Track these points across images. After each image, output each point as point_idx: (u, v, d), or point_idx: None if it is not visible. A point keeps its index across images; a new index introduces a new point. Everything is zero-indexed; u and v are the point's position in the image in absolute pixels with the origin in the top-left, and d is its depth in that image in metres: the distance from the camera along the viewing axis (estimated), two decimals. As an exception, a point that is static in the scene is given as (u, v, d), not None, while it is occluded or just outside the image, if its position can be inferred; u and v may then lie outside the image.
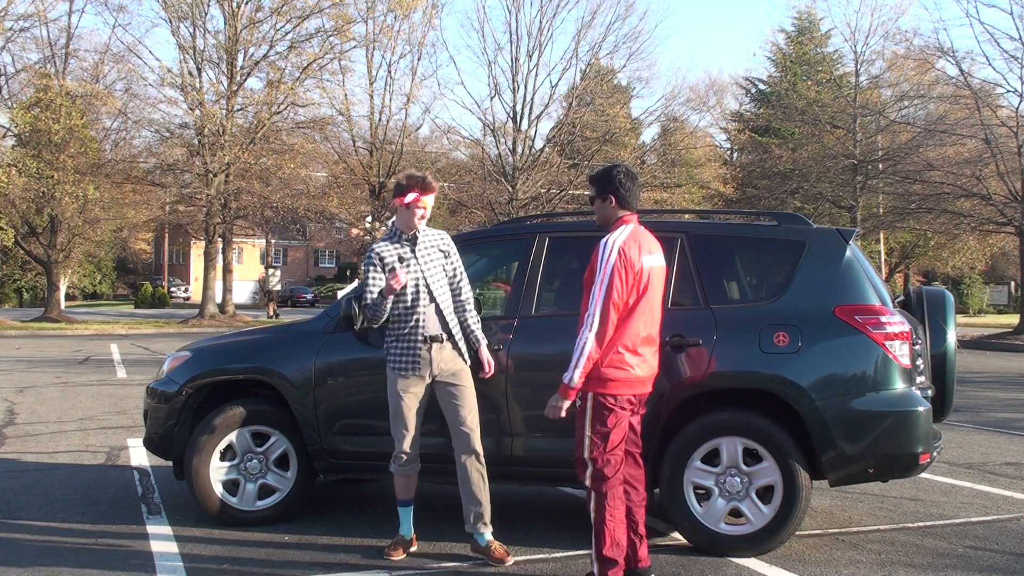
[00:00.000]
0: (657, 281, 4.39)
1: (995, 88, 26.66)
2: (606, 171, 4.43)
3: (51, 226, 31.10)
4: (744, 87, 46.66)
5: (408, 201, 4.86)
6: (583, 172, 33.94)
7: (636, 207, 4.43)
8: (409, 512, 5.00)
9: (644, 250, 4.30)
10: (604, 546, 4.21)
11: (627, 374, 4.25)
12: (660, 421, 4.97)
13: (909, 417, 4.85)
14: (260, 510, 5.48)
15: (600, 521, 4.22)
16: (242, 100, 31.66)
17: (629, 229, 4.32)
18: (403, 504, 5.01)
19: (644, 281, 4.26)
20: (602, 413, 4.24)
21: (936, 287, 6.00)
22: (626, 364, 4.24)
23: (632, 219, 4.38)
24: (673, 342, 4.97)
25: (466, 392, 4.89)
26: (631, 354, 4.25)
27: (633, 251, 4.23)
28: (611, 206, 4.37)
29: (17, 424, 9.34)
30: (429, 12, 34.75)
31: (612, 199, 4.36)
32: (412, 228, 4.94)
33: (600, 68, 35.11)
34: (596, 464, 4.24)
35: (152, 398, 5.81)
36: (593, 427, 4.25)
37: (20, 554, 4.89)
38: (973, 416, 10.54)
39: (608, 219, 4.40)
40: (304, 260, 70.03)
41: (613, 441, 4.25)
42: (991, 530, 5.55)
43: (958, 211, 27.15)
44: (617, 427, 4.26)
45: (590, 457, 4.26)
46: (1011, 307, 48.09)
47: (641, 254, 4.26)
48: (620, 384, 4.24)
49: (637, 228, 4.38)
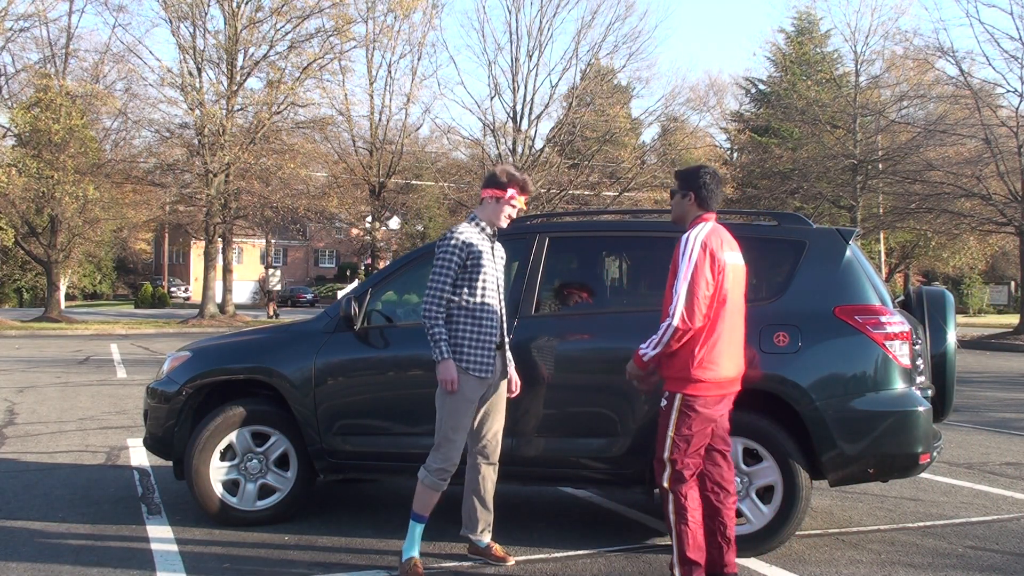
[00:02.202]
0: (737, 279, 4.35)
1: (995, 88, 26.66)
2: (694, 169, 4.46)
3: (51, 226, 31.09)
4: (744, 87, 46.66)
5: (507, 196, 4.71)
6: (583, 172, 33.97)
7: (715, 209, 4.39)
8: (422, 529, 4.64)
9: (726, 246, 4.29)
10: (687, 548, 4.17)
11: (715, 374, 4.21)
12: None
13: (909, 417, 4.85)
14: (260, 510, 5.48)
15: (681, 523, 4.19)
16: (242, 100, 31.65)
17: (709, 226, 4.30)
18: (422, 520, 4.62)
19: (723, 277, 4.22)
20: (688, 416, 4.20)
21: (936, 287, 6.00)
22: (713, 364, 4.20)
23: (711, 218, 4.37)
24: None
25: (503, 403, 4.82)
26: (717, 354, 4.21)
27: (715, 244, 4.22)
28: (689, 203, 4.38)
29: (17, 424, 9.34)
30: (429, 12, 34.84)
31: (692, 196, 4.37)
32: (497, 224, 4.77)
33: (600, 68, 35.11)
34: (676, 466, 4.21)
35: (152, 398, 5.82)
36: (678, 429, 4.20)
37: (20, 554, 4.89)
38: (973, 416, 10.54)
39: (684, 216, 4.40)
40: (304, 260, 70.04)
41: (695, 445, 4.23)
42: (991, 530, 5.56)
43: (958, 211, 27.14)
44: (701, 432, 4.23)
45: (670, 459, 4.22)
46: (1011, 307, 48.08)
47: (723, 249, 4.24)
48: (709, 385, 4.21)
49: (717, 226, 4.36)
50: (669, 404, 4.24)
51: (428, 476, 4.62)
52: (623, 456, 5.05)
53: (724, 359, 4.24)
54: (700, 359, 4.18)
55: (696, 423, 4.21)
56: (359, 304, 5.38)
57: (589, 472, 5.18)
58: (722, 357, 4.23)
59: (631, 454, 5.02)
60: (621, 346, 5.16)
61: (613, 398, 5.09)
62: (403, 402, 5.38)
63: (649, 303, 5.46)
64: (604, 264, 6.03)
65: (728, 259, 4.26)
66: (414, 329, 5.59)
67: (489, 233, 4.77)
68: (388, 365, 5.53)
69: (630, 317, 5.35)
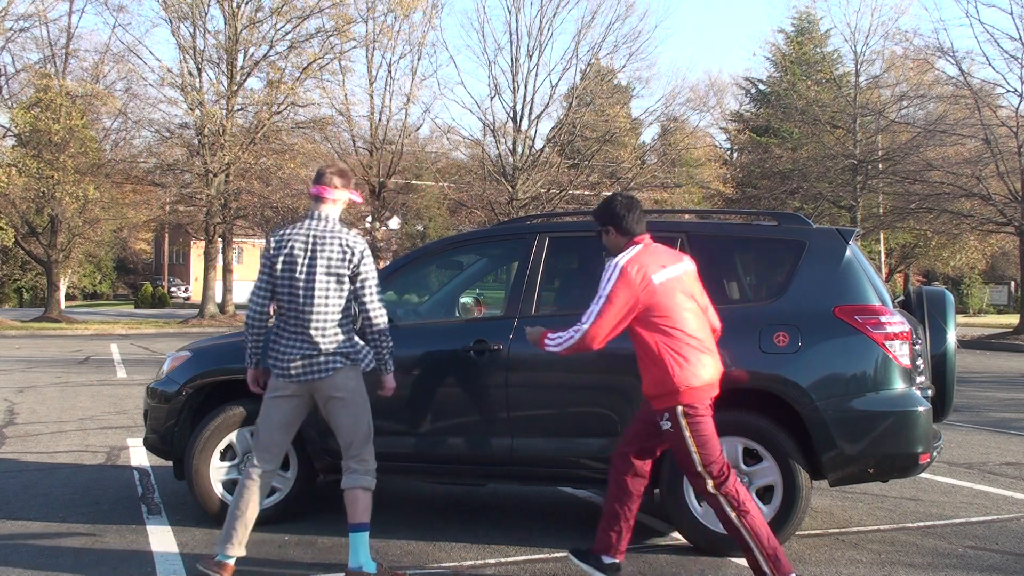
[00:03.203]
0: (684, 287, 4.33)
1: (995, 88, 26.64)
2: (604, 203, 4.51)
3: (51, 226, 31.09)
4: (744, 87, 46.64)
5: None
6: (583, 172, 33.97)
7: (639, 231, 4.39)
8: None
9: (655, 266, 4.27)
10: (762, 542, 4.16)
11: (700, 380, 4.21)
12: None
13: (909, 417, 4.85)
14: (260, 510, 5.46)
15: (743, 518, 4.18)
16: (242, 100, 31.64)
17: (636, 249, 4.32)
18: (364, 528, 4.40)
19: (660, 294, 4.21)
20: (696, 424, 4.21)
21: (936, 287, 6.01)
22: (694, 373, 4.19)
23: (641, 240, 4.37)
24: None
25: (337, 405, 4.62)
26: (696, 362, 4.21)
27: (644, 266, 4.23)
28: (613, 236, 4.42)
29: (17, 424, 9.34)
30: (429, 12, 34.77)
31: (612, 229, 4.42)
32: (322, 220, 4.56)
33: (600, 68, 35.09)
34: (713, 472, 4.21)
35: (152, 398, 5.81)
36: (695, 440, 4.21)
37: (20, 554, 4.89)
38: (973, 416, 10.54)
39: (615, 247, 4.43)
40: (304, 260, 69.91)
41: (714, 444, 4.24)
42: (991, 530, 5.56)
43: (958, 211, 27.13)
44: (711, 432, 4.24)
45: (705, 469, 4.22)
46: (1011, 307, 48.06)
47: (650, 272, 4.23)
48: (698, 392, 4.21)
49: (647, 248, 4.35)
50: (674, 423, 4.22)
51: (368, 478, 4.49)
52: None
53: (701, 365, 4.22)
54: (681, 367, 4.18)
55: (704, 427, 4.21)
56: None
57: (589, 472, 5.18)
58: (699, 365, 4.22)
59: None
60: (621, 346, 5.16)
61: (613, 398, 5.09)
62: (403, 402, 5.37)
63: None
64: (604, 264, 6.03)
65: (665, 275, 4.26)
66: (414, 329, 5.59)
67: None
68: (388, 365, 5.52)
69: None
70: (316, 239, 4.44)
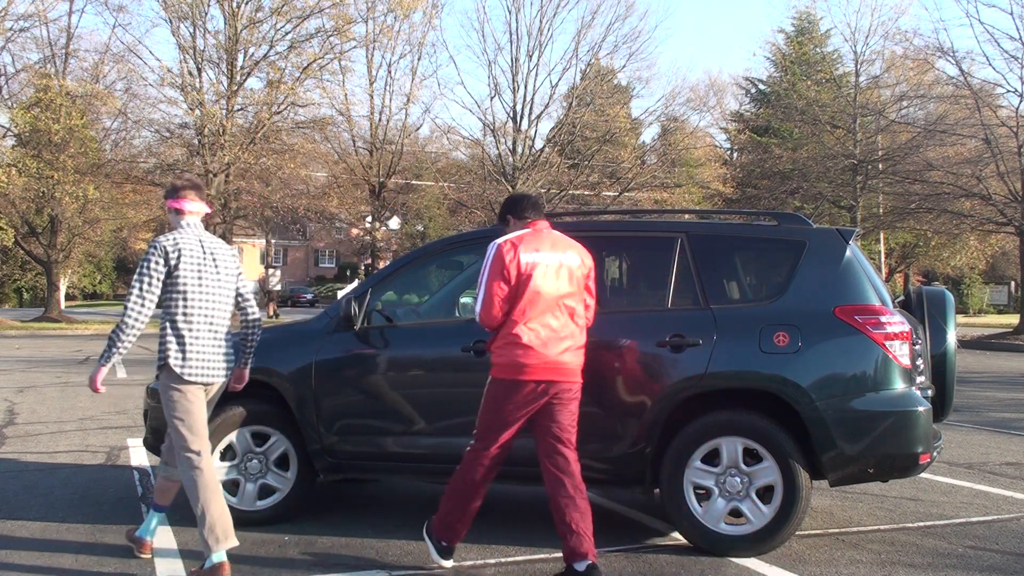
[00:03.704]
0: (552, 275, 4.53)
1: (995, 88, 26.64)
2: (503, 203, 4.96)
3: (51, 226, 31.07)
4: (744, 87, 46.67)
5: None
6: (583, 172, 33.97)
7: (532, 217, 4.71)
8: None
9: (529, 247, 4.54)
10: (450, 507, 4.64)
11: (521, 362, 4.46)
12: (660, 421, 4.98)
13: (909, 417, 4.85)
14: (260, 510, 5.48)
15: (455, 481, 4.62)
16: (242, 100, 31.61)
17: (519, 232, 4.65)
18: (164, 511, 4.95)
19: (526, 273, 4.48)
20: (495, 398, 4.55)
21: (936, 287, 6.01)
22: (516, 353, 4.47)
23: (534, 225, 4.69)
24: (673, 342, 4.98)
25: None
26: (523, 343, 4.46)
27: (506, 247, 4.53)
28: (512, 224, 4.76)
29: (17, 424, 9.34)
30: (429, 12, 34.83)
31: (510, 219, 4.79)
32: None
33: (600, 68, 35.10)
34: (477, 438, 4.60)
35: (152, 398, 5.81)
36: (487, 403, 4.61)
37: (20, 554, 4.89)
38: (973, 416, 10.54)
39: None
40: (304, 260, 70.03)
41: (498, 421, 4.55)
42: (991, 530, 5.56)
43: (958, 211, 27.13)
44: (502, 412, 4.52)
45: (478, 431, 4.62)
46: (1011, 307, 48.09)
47: (520, 251, 4.51)
48: (511, 369, 4.48)
49: (534, 232, 4.64)
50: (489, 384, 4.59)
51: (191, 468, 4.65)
52: (623, 456, 5.05)
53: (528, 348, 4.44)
54: (508, 345, 4.48)
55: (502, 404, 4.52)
56: (359, 304, 5.38)
57: (589, 472, 5.16)
58: (526, 347, 4.44)
59: (631, 454, 5.02)
60: (621, 346, 5.17)
61: (613, 398, 5.09)
62: (403, 402, 5.38)
63: (649, 303, 5.48)
64: (604, 264, 6.03)
65: (540, 259, 4.52)
66: (414, 329, 5.59)
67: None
68: (388, 365, 5.53)
69: (630, 317, 5.35)
70: (206, 244, 4.69)
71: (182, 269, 4.54)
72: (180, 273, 4.54)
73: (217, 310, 4.66)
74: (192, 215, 4.73)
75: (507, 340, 4.49)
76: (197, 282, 4.59)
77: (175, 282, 4.55)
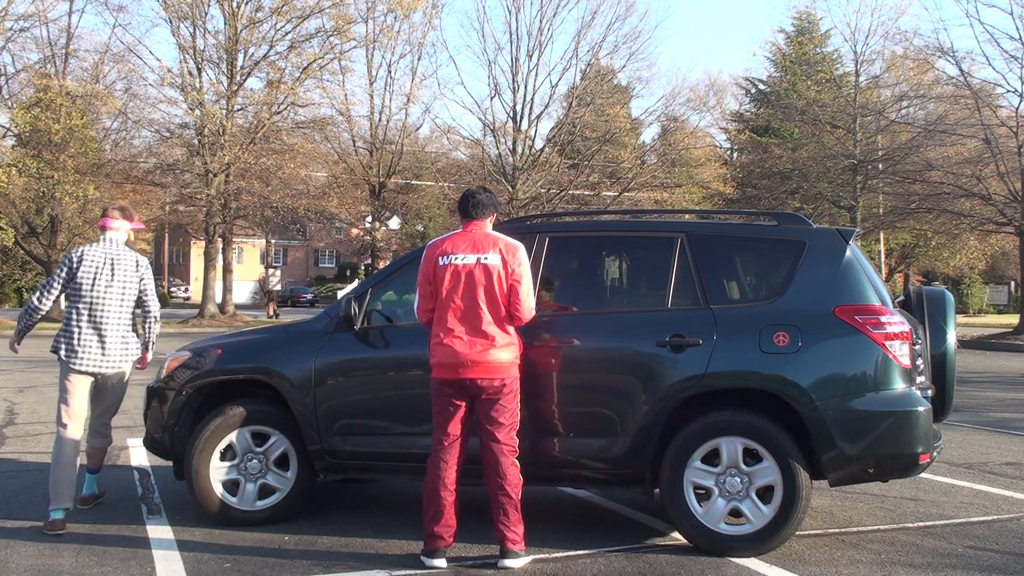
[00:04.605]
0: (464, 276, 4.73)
1: (995, 88, 26.60)
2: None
3: (51, 226, 31.08)
4: (744, 87, 46.63)
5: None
6: (583, 172, 33.96)
7: (472, 216, 4.92)
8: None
9: (447, 250, 4.80)
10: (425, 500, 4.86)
11: (439, 360, 4.74)
12: (660, 421, 4.98)
13: (909, 417, 4.85)
14: (260, 510, 5.48)
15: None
16: (242, 100, 31.63)
17: (449, 234, 4.92)
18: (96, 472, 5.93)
19: (440, 275, 4.75)
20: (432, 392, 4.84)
21: (936, 287, 6.01)
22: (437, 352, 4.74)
23: (470, 225, 4.91)
24: (673, 342, 4.98)
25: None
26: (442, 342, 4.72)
27: (431, 250, 4.85)
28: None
29: (17, 424, 9.34)
30: (429, 12, 34.86)
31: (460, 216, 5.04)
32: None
33: (600, 68, 35.10)
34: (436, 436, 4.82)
35: (152, 398, 5.82)
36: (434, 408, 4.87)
37: (20, 554, 4.89)
38: (973, 416, 10.54)
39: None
40: (304, 260, 70.02)
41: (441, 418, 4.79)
42: (991, 530, 5.56)
43: (958, 211, 27.11)
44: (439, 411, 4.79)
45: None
46: (1011, 307, 48.06)
47: (437, 253, 4.80)
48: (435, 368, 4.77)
49: (464, 232, 4.88)
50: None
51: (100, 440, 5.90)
52: (623, 456, 5.05)
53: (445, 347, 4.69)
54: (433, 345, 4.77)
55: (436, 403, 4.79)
56: (359, 304, 5.38)
57: (589, 472, 5.18)
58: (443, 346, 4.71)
59: (631, 454, 5.02)
60: (622, 346, 5.17)
61: (613, 398, 5.09)
62: (403, 402, 5.38)
63: (650, 303, 5.48)
64: (604, 264, 6.04)
65: (450, 260, 4.77)
66: (414, 329, 5.59)
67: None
68: (388, 365, 5.53)
69: (630, 317, 5.36)
70: (111, 257, 5.60)
71: (80, 274, 5.50)
72: (79, 277, 5.51)
73: (108, 310, 5.53)
74: (113, 231, 5.69)
75: (432, 340, 4.79)
76: (90, 286, 5.50)
77: (74, 285, 5.53)
